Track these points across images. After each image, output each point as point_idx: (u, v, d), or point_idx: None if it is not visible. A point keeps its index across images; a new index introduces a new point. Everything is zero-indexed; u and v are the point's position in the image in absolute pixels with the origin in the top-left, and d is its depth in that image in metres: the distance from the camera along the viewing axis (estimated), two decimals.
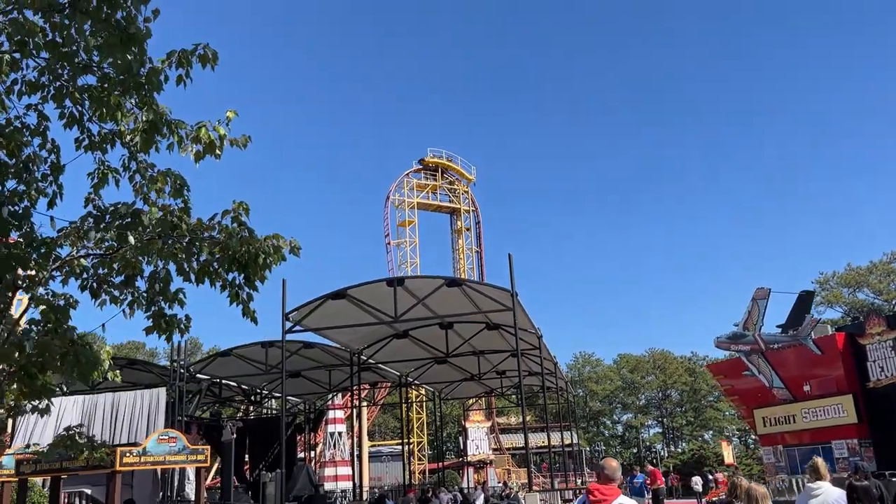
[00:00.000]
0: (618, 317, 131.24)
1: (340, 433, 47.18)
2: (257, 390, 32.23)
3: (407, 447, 39.91)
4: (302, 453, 37.02)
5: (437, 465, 49.77)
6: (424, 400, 49.68)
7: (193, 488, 24.86)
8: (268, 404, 35.55)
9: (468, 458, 51.11)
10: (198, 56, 4.67)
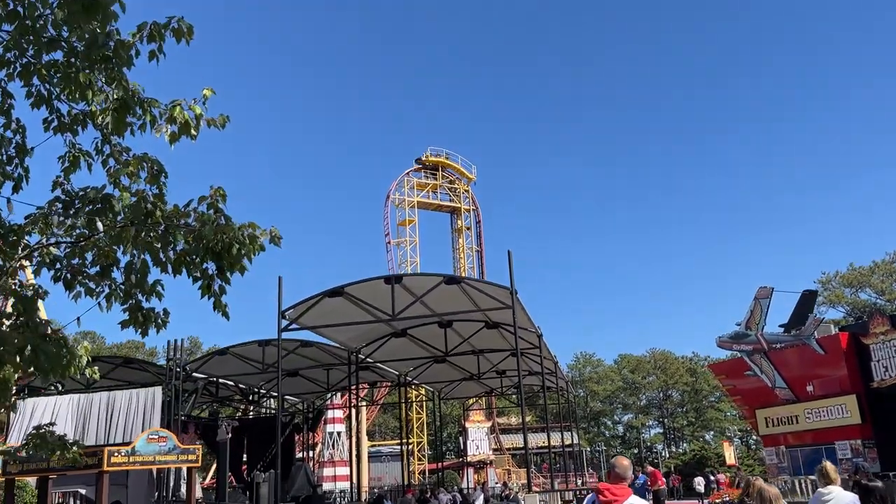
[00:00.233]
0: (619, 317, 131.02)
1: (339, 433, 46.90)
2: (255, 389, 31.96)
3: (406, 447, 39.60)
4: (301, 453, 36.74)
5: (437, 465, 49.52)
6: (424, 400, 49.41)
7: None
8: (266, 404, 35.28)
9: (468, 459, 50.83)
10: (172, 30, 4.38)
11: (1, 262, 4.95)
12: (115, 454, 11.12)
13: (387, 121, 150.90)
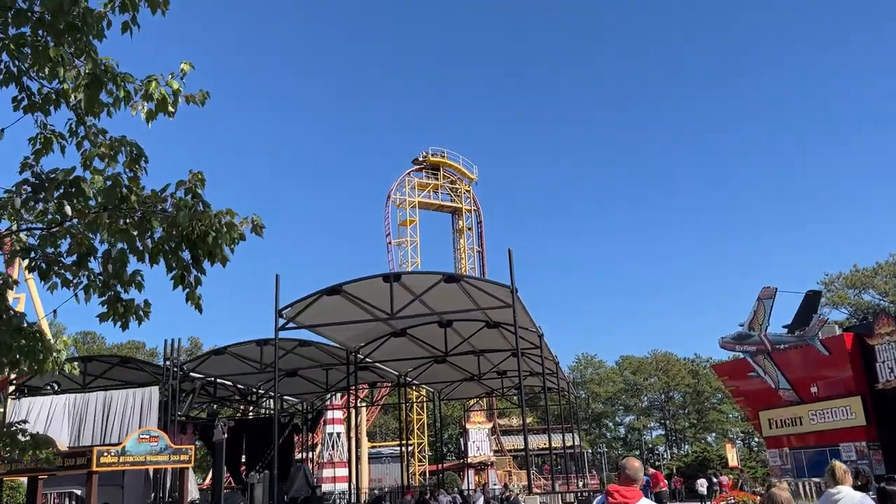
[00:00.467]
0: (620, 318, 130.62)
1: (339, 434, 46.57)
2: (253, 390, 31.67)
3: (406, 448, 39.30)
4: (300, 454, 36.44)
5: (437, 466, 49.22)
6: (425, 401, 49.12)
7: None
8: (266, 404, 34.98)
9: (469, 460, 50.52)
10: None
11: None
12: (105, 454, 10.84)
13: (388, 121, 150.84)
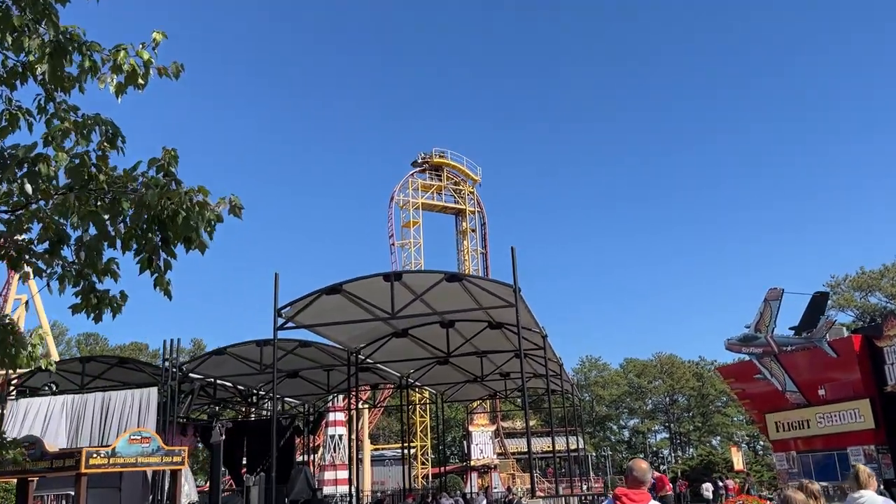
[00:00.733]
0: (625, 321, 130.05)
1: (341, 436, 46.26)
2: (254, 391, 31.37)
3: (409, 451, 38.94)
4: (302, 456, 36.13)
5: (440, 469, 48.86)
6: (427, 402, 48.79)
7: (185, 491, 24.03)
8: (267, 405, 34.67)
9: (472, 463, 50.15)
10: None
11: None
12: (94, 455, 10.53)
13: (392, 123, 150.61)
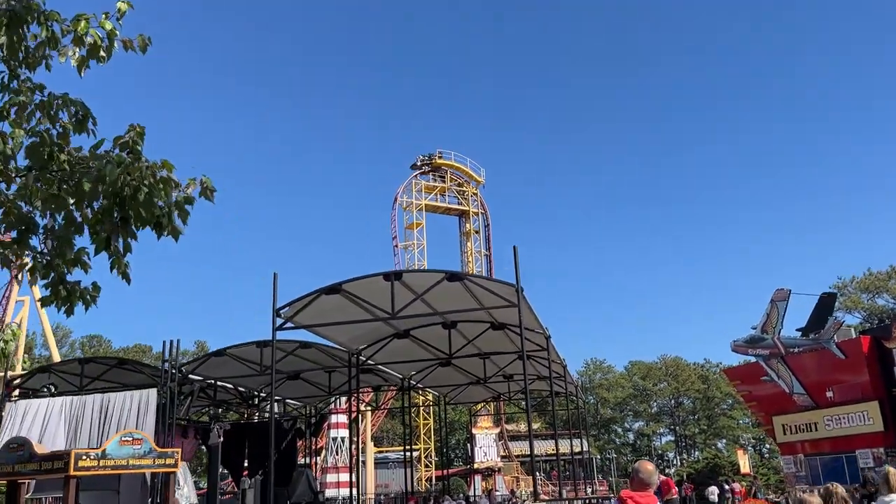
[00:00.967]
0: (629, 323, 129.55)
1: (344, 438, 45.94)
2: (254, 392, 31.11)
3: (412, 453, 38.61)
4: (304, 459, 35.85)
5: (444, 472, 48.53)
6: (431, 405, 48.50)
7: (184, 494, 23.78)
8: (267, 407, 34.38)
9: (476, 466, 49.82)
10: None
11: None
12: (84, 457, 10.27)
13: (392, 122, 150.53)
